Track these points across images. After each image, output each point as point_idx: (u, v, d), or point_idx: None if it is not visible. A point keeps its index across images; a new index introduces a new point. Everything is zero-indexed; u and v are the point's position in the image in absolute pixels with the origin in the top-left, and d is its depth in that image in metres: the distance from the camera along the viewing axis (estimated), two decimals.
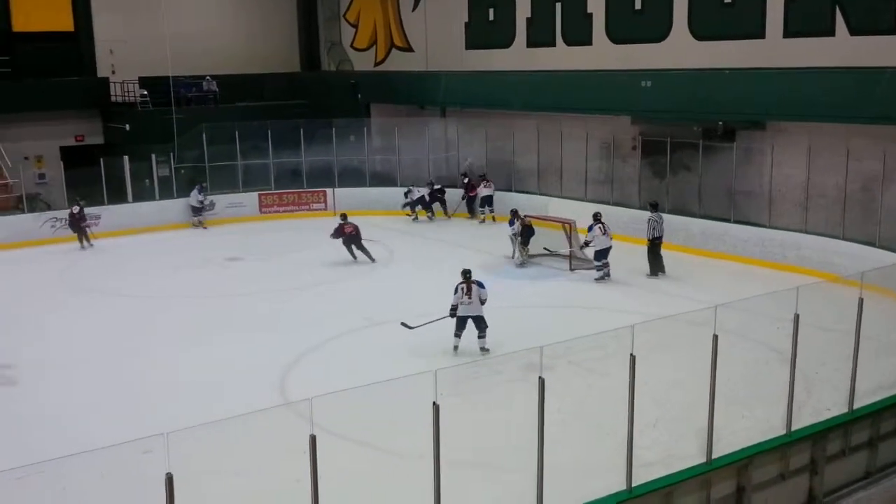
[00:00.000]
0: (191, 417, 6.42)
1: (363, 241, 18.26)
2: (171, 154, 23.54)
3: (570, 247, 17.40)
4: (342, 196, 23.75)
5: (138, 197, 22.88)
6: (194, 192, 22.55)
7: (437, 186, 22.86)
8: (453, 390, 7.12)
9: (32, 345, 13.41)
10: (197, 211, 22.47)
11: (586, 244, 16.37)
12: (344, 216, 18.55)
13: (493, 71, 24.23)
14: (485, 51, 24.89)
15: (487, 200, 22.21)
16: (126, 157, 22.76)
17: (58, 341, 13.67)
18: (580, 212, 18.66)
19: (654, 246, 16.58)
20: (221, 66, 27.89)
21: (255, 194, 23.86)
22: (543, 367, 6.97)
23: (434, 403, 6.49)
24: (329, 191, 24.07)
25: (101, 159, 22.40)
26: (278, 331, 13.68)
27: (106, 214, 21.68)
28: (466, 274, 12.28)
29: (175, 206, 22.73)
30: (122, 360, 12.67)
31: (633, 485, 7.65)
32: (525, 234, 17.68)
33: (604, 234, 16.08)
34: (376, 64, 28.94)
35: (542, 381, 6.97)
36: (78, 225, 20.13)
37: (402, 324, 12.54)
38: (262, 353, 12.57)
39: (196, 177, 23.42)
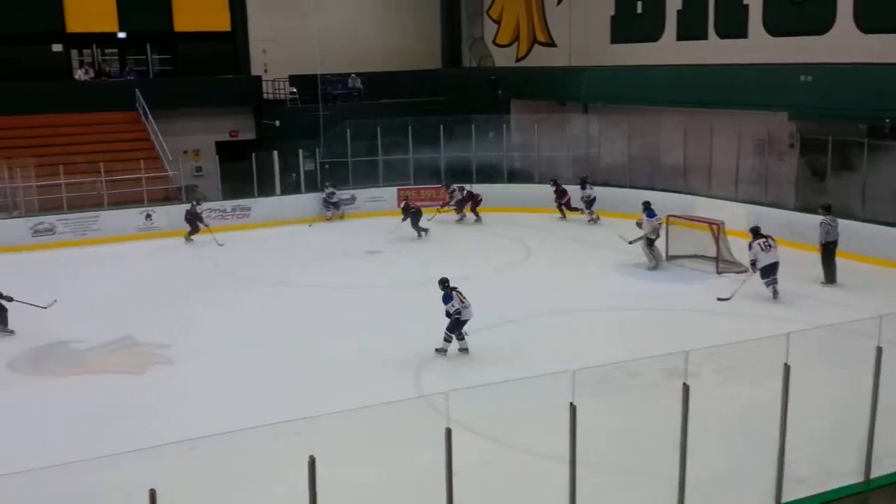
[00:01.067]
0: (329, 405, 6.51)
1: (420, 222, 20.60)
2: (317, 149, 24.28)
3: (718, 249, 16.61)
4: (479, 192, 23.72)
5: (286, 190, 23.72)
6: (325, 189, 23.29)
7: (467, 191, 22.54)
8: (590, 391, 6.90)
9: (186, 327, 14.07)
10: (330, 206, 23.04)
11: (752, 265, 14.86)
12: (405, 198, 21.48)
13: (639, 65, 23.60)
14: (631, 45, 24.33)
15: (592, 202, 21.65)
16: (275, 152, 23.68)
17: (209, 325, 14.30)
18: (729, 212, 17.85)
19: (828, 251, 15.54)
20: (366, 63, 28.60)
21: (394, 189, 24.25)
22: (688, 374, 6.66)
23: (571, 404, 6.33)
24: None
25: (253, 154, 23.42)
26: (414, 323, 13.77)
27: (255, 206, 22.63)
28: (446, 282, 12.40)
29: (319, 200, 23.39)
30: (266, 345, 13.14)
31: (783, 501, 7.21)
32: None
33: (766, 249, 14.69)
34: (518, 60, 28.83)
35: (686, 388, 6.71)
36: (194, 222, 20.60)
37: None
38: (398, 345, 12.70)
39: (336, 171, 24.03)
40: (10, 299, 13.63)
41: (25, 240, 20.18)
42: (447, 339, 12.22)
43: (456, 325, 12.20)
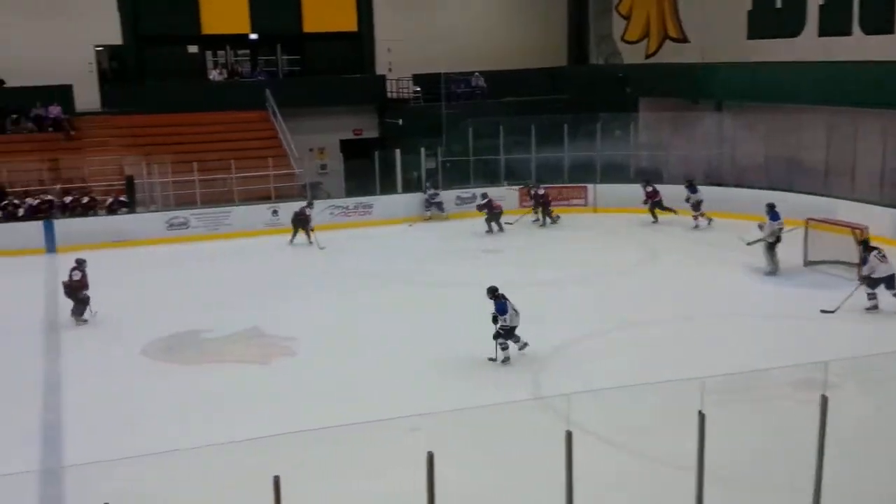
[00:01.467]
0: (448, 402, 6.43)
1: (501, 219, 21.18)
2: (439, 148, 24.34)
3: (861, 255, 15.54)
4: (603, 192, 23.24)
5: (407, 188, 23.91)
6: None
7: (541, 192, 21.94)
8: (719, 400, 6.54)
9: (310, 320, 14.29)
10: (431, 206, 22.98)
11: (866, 278, 13.89)
12: (485, 195, 21.71)
13: (777, 62, 22.55)
14: (769, 40, 23.33)
15: (699, 205, 20.64)
16: (398, 151, 23.90)
17: (330, 319, 14.50)
18: (873, 216, 16.75)
19: None
20: (490, 61, 28.47)
21: (515, 188, 24.01)
22: (827, 385, 6.23)
23: (699, 412, 6.01)
24: (590, 186, 23.65)
25: (376, 152, 23.71)
26: (533, 323, 13.50)
27: (377, 204, 22.89)
28: (497, 290, 12.11)
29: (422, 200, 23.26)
30: (386, 342, 13.16)
31: None
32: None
33: (882, 260, 13.78)
34: (647, 56, 28.08)
35: (824, 399, 6.28)
36: (299, 223, 20.44)
37: None
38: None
39: (458, 170, 24.02)
40: (88, 298, 14.42)
41: (161, 233, 21.11)
42: (504, 347, 11.95)
43: (507, 334, 11.95)
